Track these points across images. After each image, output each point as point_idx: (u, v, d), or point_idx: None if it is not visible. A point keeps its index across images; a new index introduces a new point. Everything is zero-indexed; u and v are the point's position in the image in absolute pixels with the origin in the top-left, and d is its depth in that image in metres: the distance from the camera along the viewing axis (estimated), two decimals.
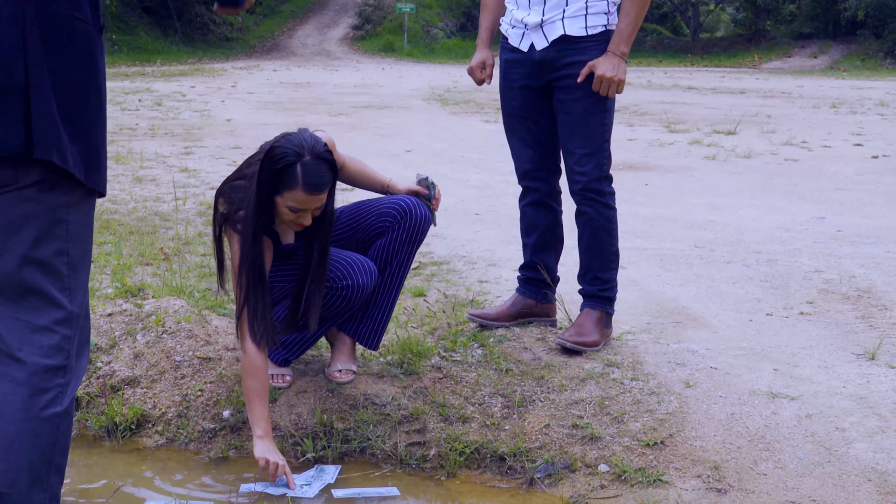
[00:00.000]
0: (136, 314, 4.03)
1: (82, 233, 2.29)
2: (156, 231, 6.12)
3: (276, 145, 3.16)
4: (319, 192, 3.16)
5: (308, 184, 3.13)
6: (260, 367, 3.21)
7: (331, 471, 3.28)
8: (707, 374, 3.62)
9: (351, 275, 3.40)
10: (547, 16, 3.65)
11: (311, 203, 3.18)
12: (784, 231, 6.36)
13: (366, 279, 3.42)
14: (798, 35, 38.11)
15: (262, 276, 3.24)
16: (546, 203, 3.89)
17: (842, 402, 3.44)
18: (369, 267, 3.44)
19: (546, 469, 3.21)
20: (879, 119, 14.18)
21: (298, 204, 3.17)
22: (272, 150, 3.16)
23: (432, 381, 3.60)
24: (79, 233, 2.28)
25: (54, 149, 2.14)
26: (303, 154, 3.13)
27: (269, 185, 3.16)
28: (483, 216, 6.92)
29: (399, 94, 18.41)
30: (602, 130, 3.67)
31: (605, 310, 3.81)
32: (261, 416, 3.20)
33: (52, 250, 2.22)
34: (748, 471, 3.07)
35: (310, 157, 3.14)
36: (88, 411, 3.64)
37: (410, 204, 3.48)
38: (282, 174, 3.13)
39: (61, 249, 2.23)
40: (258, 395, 3.20)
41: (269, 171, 3.14)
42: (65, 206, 2.22)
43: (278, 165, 3.12)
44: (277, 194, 3.17)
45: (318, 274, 3.34)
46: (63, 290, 2.25)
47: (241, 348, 3.24)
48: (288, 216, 3.22)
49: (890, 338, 4.12)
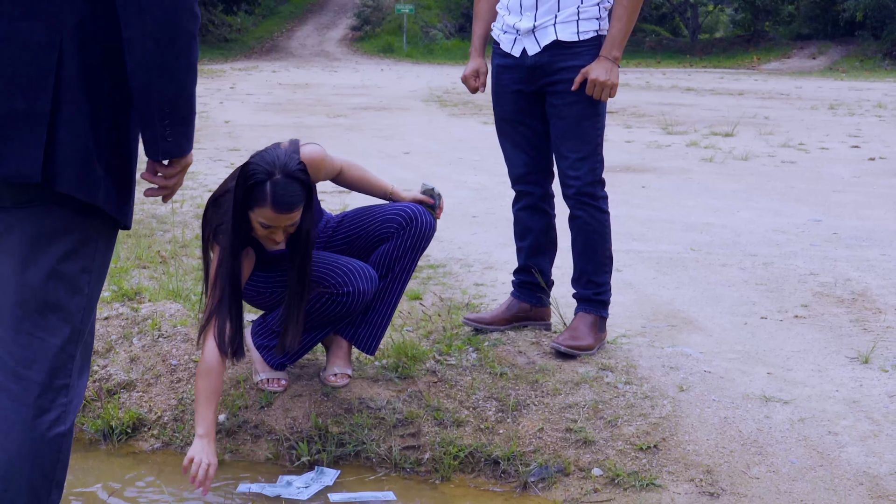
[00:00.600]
0: (133, 318, 4.04)
1: (106, 255, 2.29)
2: (153, 234, 6.13)
3: (249, 162, 3.19)
4: (289, 211, 3.16)
5: (276, 202, 3.13)
6: (214, 370, 3.21)
7: (330, 474, 3.29)
8: (701, 378, 3.64)
9: (352, 281, 3.41)
10: (539, 21, 3.67)
11: (281, 221, 3.18)
12: (780, 234, 6.38)
13: (366, 286, 3.44)
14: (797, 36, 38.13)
15: (237, 288, 3.26)
16: (540, 207, 3.90)
17: (834, 406, 3.46)
18: (370, 274, 3.46)
19: (540, 473, 3.23)
20: (877, 121, 14.20)
21: (268, 221, 3.18)
22: (245, 166, 3.18)
23: (427, 384, 3.62)
24: (104, 253, 2.27)
25: (80, 183, 2.11)
26: (273, 172, 3.14)
27: (241, 201, 3.18)
28: (480, 218, 6.94)
29: (398, 95, 18.43)
30: (595, 134, 3.69)
31: (599, 314, 3.83)
32: (205, 417, 3.17)
33: (79, 267, 2.21)
34: (741, 475, 3.08)
35: (280, 175, 3.14)
36: (85, 415, 3.65)
37: (416, 211, 3.50)
38: (252, 191, 3.15)
39: (86, 267, 2.22)
40: (207, 396, 3.19)
41: (242, 186, 3.17)
42: (96, 226, 2.22)
43: (249, 182, 3.15)
44: (249, 210, 3.19)
45: (298, 292, 3.33)
46: (81, 310, 2.24)
47: (201, 350, 3.25)
48: (260, 231, 3.24)
49: (883, 341, 4.13)
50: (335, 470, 3.32)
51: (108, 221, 2.24)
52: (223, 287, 3.23)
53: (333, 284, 3.41)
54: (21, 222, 2.16)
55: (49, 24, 2.08)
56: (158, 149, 2.19)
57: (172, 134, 2.18)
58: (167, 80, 2.12)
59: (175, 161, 2.25)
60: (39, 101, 2.07)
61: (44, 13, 2.08)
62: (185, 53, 2.13)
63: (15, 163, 2.07)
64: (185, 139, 2.22)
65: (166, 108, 2.14)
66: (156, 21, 2.08)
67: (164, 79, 2.12)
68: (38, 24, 2.08)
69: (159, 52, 2.09)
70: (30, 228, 2.15)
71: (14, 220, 2.16)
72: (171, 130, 2.17)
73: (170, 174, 2.27)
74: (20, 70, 2.07)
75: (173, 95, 2.14)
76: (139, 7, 2.07)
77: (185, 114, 2.19)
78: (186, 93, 2.17)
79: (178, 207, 6.98)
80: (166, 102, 2.14)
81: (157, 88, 2.12)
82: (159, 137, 2.17)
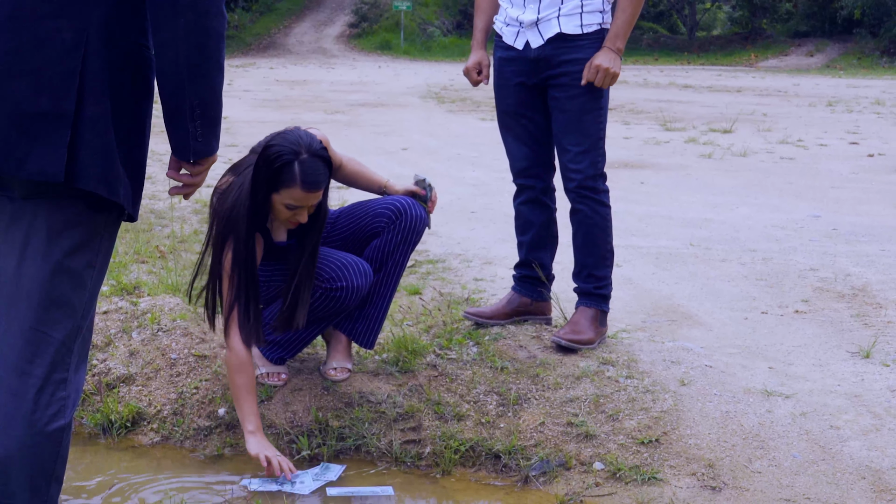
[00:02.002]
0: (132, 312, 4.03)
1: (109, 249, 2.29)
2: (151, 229, 6.11)
3: (271, 143, 3.17)
4: (317, 189, 3.17)
5: (306, 182, 3.14)
6: (247, 362, 3.22)
7: (335, 469, 3.28)
8: (702, 373, 3.63)
9: (346, 276, 3.41)
10: (542, 14, 3.66)
11: (309, 200, 3.19)
12: (779, 229, 6.37)
13: (360, 281, 3.43)
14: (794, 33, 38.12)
15: (254, 276, 3.26)
16: (541, 201, 3.89)
17: (836, 401, 3.45)
18: (364, 268, 3.45)
19: (541, 467, 3.22)
20: (875, 117, 14.20)
21: (296, 201, 3.18)
22: (268, 148, 3.16)
23: (427, 379, 3.61)
24: (108, 248, 2.27)
25: (102, 181, 2.12)
26: (300, 152, 3.14)
27: (265, 184, 3.16)
28: (479, 214, 6.93)
29: (395, 91, 18.40)
30: (597, 128, 3.68)
31: (600, 307, 3.82)
32: (251, 412, 3.21)
33: (84, 262, 2.21)
34: (742, 469, 3.07)
35: (307, 154, 3.15)
36: (84, 409, 3.64)
37: (406, 204, 3.49)
38: (279, 172, 3.14)
39: (91, 262, 2.22)
40: (247, 390, 3.21)
41: (266, 169, 3.14)
42: (104, 221, 2.22)
43: (276, 164, 3.13)
44: (275, 192, 3.18)
45: (308, 269, 3.34)
46: (83, 304, 2.24)
47: (227, 345, 3.24)
48: (284, 214, 3.23)
49: (884, 336, 4.13)
50: (340, 465, 3.31)
51: (114, 215, 2.23)
52: (240, 276, 3.22)
53: (327, 279, 3.40)
54: (29, 215, 2.15)
55: (75, 23, 2.08)
56: (189, 149, 2.21)
57: (204, 134, 2.19)
58: (200, 81, 2.14)
59: (203, 159, 2.25)
60: (64, 101, 2.07)
61: (70, 12, 2.08)
62: (215, 55, 2.14)
63: (39, 162, 2.07)
64: (215, 139, 2.24)
65: (198, 109, 2.15)
66: (189, 24, 2.09)
67: (197, 80, 2.13)
68: (64, 22, 2.08)
69: (192, 54, 2.11)
70: (39, 221, 2.15)
71: (22, 212, 2.15)
72: (202, 131, 2.19)
73: (197, 172, 2.29)
74: (46, 70, 2.07)
75: (205, 96, 2.16)
76: (174, 10, 2.08)
77: (216, 114, 2.21)
78: (217, 93, 2.19)
79: (177, 203, 6.96)
80: (198, 104, 2.15)
81: (189, 90, 2.13)
82: (191, 138, 2.19)
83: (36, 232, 2.15)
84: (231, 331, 3.23)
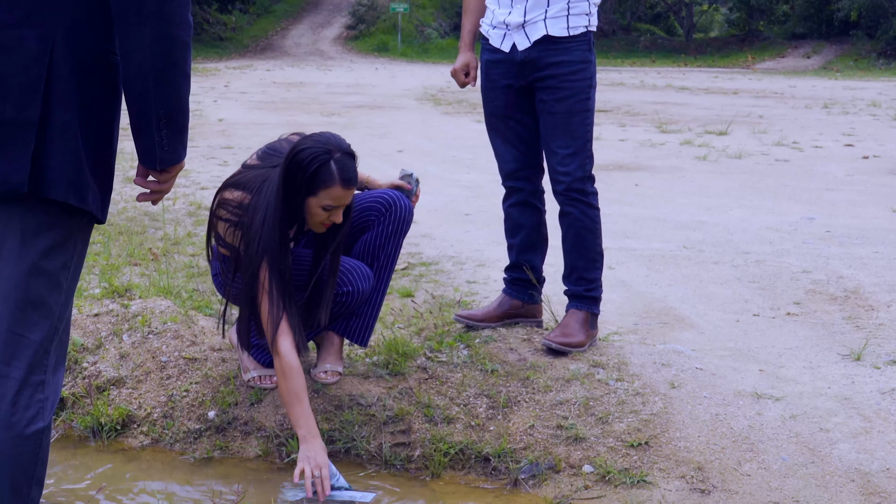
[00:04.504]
0: (123, 314, 4.03)
1: (83, 250, 2.29)
2: (145, 231, 6.11)
3: (302, 148, 3.17)
4: (353, 186, 3.22)
5: (344, 178, 3.18)
6: (296, 367, 3.20)
7: (368, 497, 3.17)
8: (692, 375, 3.63)
9: (351, 281, 3.43)
10: (529, 16, 3.66)
11: (346, 198, 3.23)
12: (773, 231, 6.37)
13: (365, 284, 3.47)
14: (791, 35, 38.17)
15: (291, 283, 3.27)
16: (531, 203, 3.89)
17: (826, 403, 3.45)
18: (367, 272, 3.49)
19: (530, 470, 3.22)
20: (871, 119, 14.21)
21: (334, 201, 3.20)
22: (299, 153, 3.17)
23: (418, 381, 3.61)
24: (82, 250, 2.27)
25: (72, 189, 2.12)
26: (332, 151, 3.18)
27: (301, 189, 3.18)
28: (473, 216, 6.93)
29: (392, 93, 18.41)
30: (584, 130, 3.69)
31: (590, 310, 3.82)
32: (305, 416, 3.17)
33: (60, 263, 2.20)
34: (732, 471, 3.07)
35: (339, 153, 3.19)
36: (74, 412, 3.64)
37: (393, 196, 3.53)
38: (317, 174, 3.16)
39: (66, 263, 2.22)
40: (299, 396, 3.18)
41: (302, 173, 3.16)
42: (78, 224, 2.22)
43: (312, 166, 3.15)
44: (312, 195, 3.19)
45: (333, 267, 3.38)
46: (59, 305, 2.23)
47: (277, 353, 3.20)
48: (320, 216, 3.24)
49: (876, 338, 4.13)
50: (373, 493, 3.20)
51: (86, 219, 2.24)
52: (279, 286, 3.22)
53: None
54: (3, 218, 2.15)
55: (40, 31, 2.07)
56: (156, 157, 2.21)
57: (170, 143, 2.19)
58: (165, 89, 2.13)
59: (170, 167, 2.25)
60: (29, 109, 2.07)
61: (36, 20, 2.07)
62: (181, 63, 2.14)
63: (3, 171, 2.07)
64: (182, 147, 2.24)
65: (164, 118, 2.15)
66: (154, 32, 2.09)
67: (162, 89, 2.13)
68: (28, 31, 2.07)
69: (158, 62, 2.10)
70: (13, 225, 2.15)
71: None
72: (168, 139, 2.19)
73: (164, 179, 2.29)
74: (11, 78, 2.06)
75: (171, 105, 2.15)
76: (139, 18, 2.07)
77: (182, 122, 2.20)
78: (183, 102, 2.18)
79: (171, 205, 6.96)
80: (164, 112, 2.15)
81: (154, 98, 2.13)
82: (157, 146, 2.19)
83: (10, 235, 2.15)
84: (280, 337, 3.21)
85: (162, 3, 2.08)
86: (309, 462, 3.12)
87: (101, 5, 2.12)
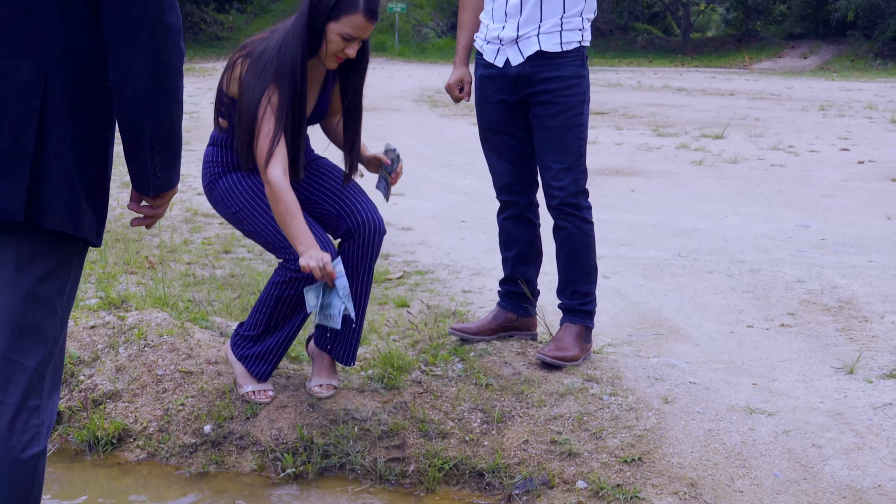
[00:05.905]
0: (119, 327, 4.04)
1: (78, 275, 2.29)
2: (141, 239, 6.12)
3: None
4: (375, 19, 3.28)
5: (368, 9, 3.25)
6: (286, 188, 3.21)
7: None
8: (686, 390, 3.64)
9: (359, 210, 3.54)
10: (522, 31, 3.68)
11: (365, 32, 3.29)
12: (768, 239, 6.39)
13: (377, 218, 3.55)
14: (788, 35, 38.23)
15: (304, 108, 3.32)
16: (525, 216, 3.91)
17: (819, 418, 3.47)
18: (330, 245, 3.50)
19: (524, 485, 3.23)
20: (867, 122, 14.23)
21: (353, 31, 3.27)
22: None
23: (412, 395, 3.62)
24: (77, 274, 2.28)
25: (68, 217, 2.13)
26: None
27: (325, 11, 3.24)
28: (469, 223, 6.94)
29: (389, 94, 18.40)
30: (578, 145, 3.70)
31: (584, 324, 3.83)
32: (298, 232, 3.21)
33: (55, 289, 2.21)
34: (724, 488, 3.09)
35: None
36: (70, 425, 3.65)
37: (364, 219, 3.51)
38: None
39: (62, 289, 2.23)
40: (292, 213, 3.21)
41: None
42: (73, 249, 2.23)
43: None
44: (334, 20, 3.26)
45: (355, 105, 3.50)
46: (54, 330, 2.24)
47: (266, 178, 3.23)
48: (338, 45, 3.30)
49: (869, 351, 4.14)
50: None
51: (81, 243, 2.25)
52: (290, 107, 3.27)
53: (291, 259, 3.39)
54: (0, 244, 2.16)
55: (35, 61, 2.08)
56: (149, 184, 2.22)
57: (163, 169, 2.21)
58: (158, 116, 2.14)
59: (163, 192, 2.27)
60: (24, 139, 2.07)
61: (28, 51, 2.08)
62: (173, 91, 2.15)
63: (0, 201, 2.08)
64: (175, 173, 2.25)
65: (157, 145, 2.17)
66: (147, 60, 2.09)
67: (155, 116, 2.14)
68: (23, 61, 2.07)
69: (150, 89, 2.11)
70: (8, 252, 2.15)
71: None
72: (161, 166, 2.20)
73: (158, 204, 2.31)
74: (5, 108, 2.07)
75: (164, 132, 2.17)
76: (132, 46, 2.08)
77: (175, 149, 2.22)
78: (175, 128, 2.19)
79: (167, 212, 6.95)
80: (157, 139, 2.16)
81: (148, 125, 2.14)
82: (150, 173, 2.20)
83: (5, 262, 2.16)
84: (272, 164, 3.22)
85: (154, 31, 2.09)
86: (309, 260, 3.17)
87: (94, 33, 2.13)
